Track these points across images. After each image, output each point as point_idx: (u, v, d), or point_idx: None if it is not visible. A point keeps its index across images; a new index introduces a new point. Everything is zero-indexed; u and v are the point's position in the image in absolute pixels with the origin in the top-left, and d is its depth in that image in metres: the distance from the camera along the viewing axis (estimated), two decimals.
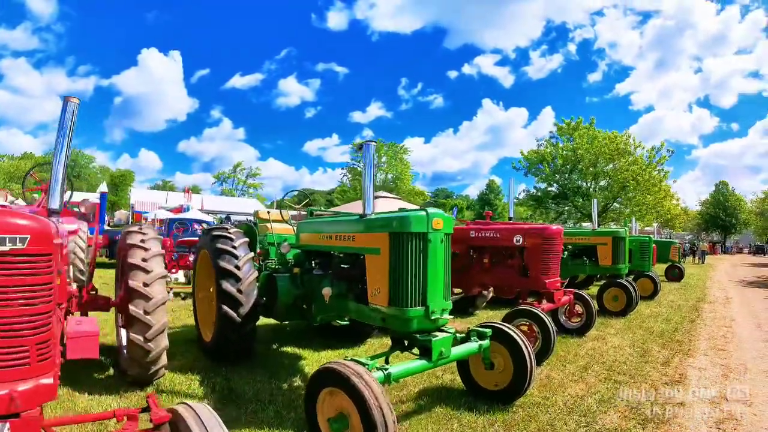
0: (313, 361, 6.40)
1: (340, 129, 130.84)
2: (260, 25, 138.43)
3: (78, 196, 35.28)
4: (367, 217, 4.72)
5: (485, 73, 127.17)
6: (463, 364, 5.09)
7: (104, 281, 12.60)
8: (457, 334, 4.51)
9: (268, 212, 7.30)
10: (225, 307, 5.48)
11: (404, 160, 66.64)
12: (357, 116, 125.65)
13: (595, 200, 12.35)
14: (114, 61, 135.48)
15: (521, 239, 7.84)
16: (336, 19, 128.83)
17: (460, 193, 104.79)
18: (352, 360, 3.65)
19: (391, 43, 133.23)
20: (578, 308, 8.26)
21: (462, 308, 10.24)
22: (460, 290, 9.46)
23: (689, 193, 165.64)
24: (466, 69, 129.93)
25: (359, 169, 66.22)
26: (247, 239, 6.19)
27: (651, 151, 38.74)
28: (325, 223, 5.65)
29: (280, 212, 7.08)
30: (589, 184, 40.67)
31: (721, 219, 77.45)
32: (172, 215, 26.61)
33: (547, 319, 6.34)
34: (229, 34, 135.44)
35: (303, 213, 7.55)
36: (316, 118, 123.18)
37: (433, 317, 4.09)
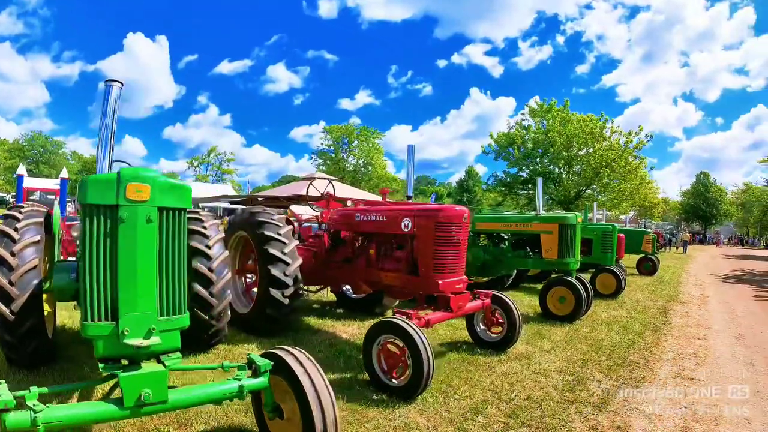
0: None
1: (327, 116, 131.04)
2: (250, 11, 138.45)
3: (44, 183, 33.36)
4: None
5: (475, 63, 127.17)
6: (257, 400, 3.36)
7: None
8: (226, 364, 3.28)
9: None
10: None
11: (377, 145, 64.28)
12: (345, 103, 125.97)
13: (540, 179, 10.03)
14: (100, 46, 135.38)
15: (410, 224, 5.60)
16: (327, 7, 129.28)
17: (444, 180, 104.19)
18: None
19: (381, 31, 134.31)
20: (499, 315, 6.09)
21: (367, 308, 8.21)
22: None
23: (672, 184, 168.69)
24: (456, 58, 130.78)
25: (330, 154, 64.01)
26: (36, 220, 4.81)
27: (628, 136, 36.59)
28: None
29: None
30: (561, 170, 38.56)
31: (701, 210, 76.58)
32: None
33: (420, 338, 4.35)
34: (218, 20, 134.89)
35: None
36: (303, 105, 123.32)
37: (126, 340, 2.78)
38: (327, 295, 9.27)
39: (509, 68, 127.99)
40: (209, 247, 5.61)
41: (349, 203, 7.83)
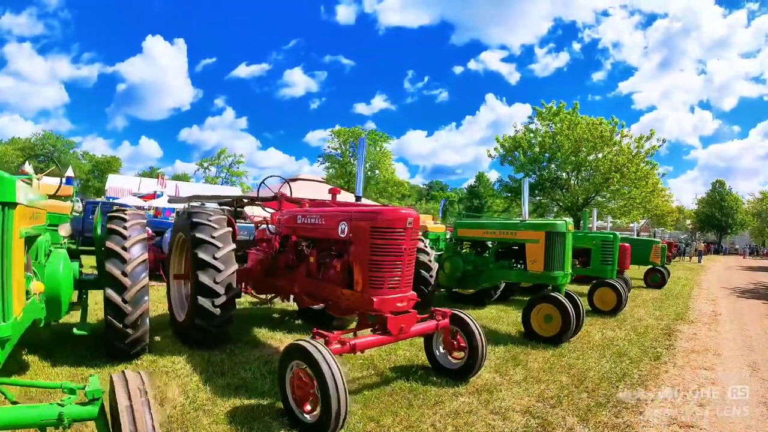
0: None
1: (343, 120, 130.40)
2: (269, 16, 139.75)
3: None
4: None
5: (491, 69, 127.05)
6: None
7: None
8: (65, 384, 2.63)
9: None
10: None
11: (385, 149, 63.33)
12: (361, 108, 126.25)
13: (526, 180, 8.85)
14: (119, 48, 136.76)
15: (346, 229, 4.65)
16: (344, 13, 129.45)
17: (458, 186, 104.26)
18: None
19: (398, 37, 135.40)
20: (461, 338, 5.11)
21: (329, 320, 7.28)
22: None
23: (687, 192, 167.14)
24: (472, 65, 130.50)
25: (338, 158, 63.31)
26: None
27: (639, 141, 35.15)
28: None
29: None
30: (569, 175, 37.23)
31: (716, 219, 74.69)
32: (141, 202, 26.43)
33: (329, 367, 3.52)
34: (236, 24, 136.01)
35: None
36: (320, 109, 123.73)
37: None
38: (293, 303, 8.37)
39: (525, 75, 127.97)
40: (126, 249, 4.99)
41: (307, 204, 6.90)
